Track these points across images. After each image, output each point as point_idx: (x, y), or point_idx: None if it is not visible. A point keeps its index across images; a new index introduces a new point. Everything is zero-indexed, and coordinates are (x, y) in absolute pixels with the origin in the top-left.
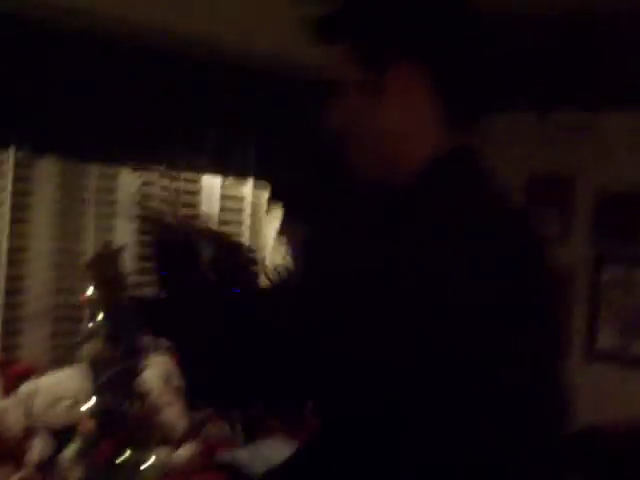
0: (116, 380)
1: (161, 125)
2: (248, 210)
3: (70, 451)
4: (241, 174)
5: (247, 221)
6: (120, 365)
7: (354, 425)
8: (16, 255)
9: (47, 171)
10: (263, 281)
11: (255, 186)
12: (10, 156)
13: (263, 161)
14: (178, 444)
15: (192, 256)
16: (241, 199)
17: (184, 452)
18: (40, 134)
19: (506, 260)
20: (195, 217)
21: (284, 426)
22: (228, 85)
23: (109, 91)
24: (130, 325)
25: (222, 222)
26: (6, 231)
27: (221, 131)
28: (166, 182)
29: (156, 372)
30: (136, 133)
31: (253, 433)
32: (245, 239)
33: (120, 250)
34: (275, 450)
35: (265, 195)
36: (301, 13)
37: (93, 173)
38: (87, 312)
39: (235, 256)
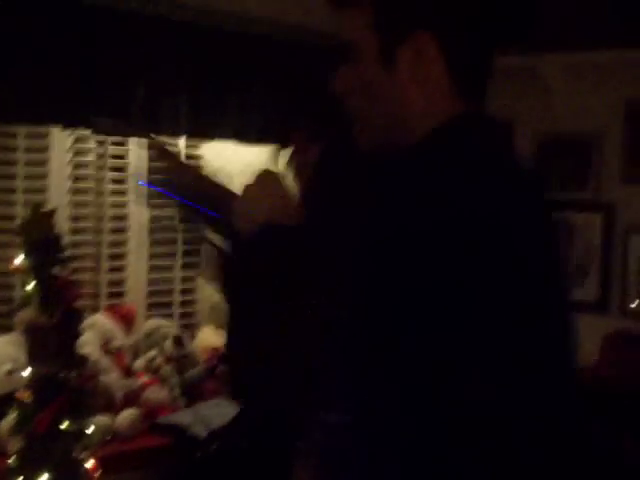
0: (52, 347)
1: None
2: None
3: (8, 421)
4: (173, 133)
5: None
6: (56, 331)
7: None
8: None
9: None
10: None
11: (189, 144)
12: None
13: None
14: (118, 409)
15: None
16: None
17: (125, 417)
18: None
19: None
20: None
21: (222, 388)
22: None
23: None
24: (66, 289)
25: None
26: None
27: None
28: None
29: (93, 335)
30: (64, 92)
31: (192, 396)
32: None
33: (53, 212)
34: (215, 411)
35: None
36: None
37: (22, 133)
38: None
39: None
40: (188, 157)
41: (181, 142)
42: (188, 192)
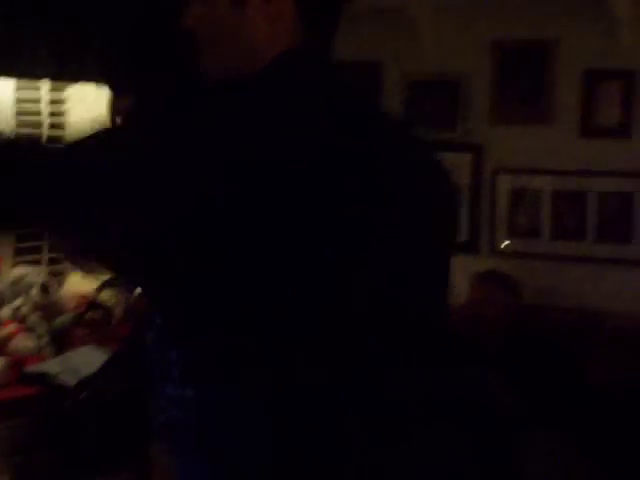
0: None
1: None
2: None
3: None
4: (34, 76)
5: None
6: None
7: None
8: None
9: None
10: None
11: (53, 88)
12: None
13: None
14: None
15: None
16: (37, 101)
17: None
18: None
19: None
20: None
21: (93, 336)
22: None
23: None
24: None
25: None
26: None
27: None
28: None
29: None
30: None
31: (61, 344)
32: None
33: None
34: (85, 359)
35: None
36: None
37: None
38: None
39: None
40: (53, 102)
41: (44, 86)
42: None
